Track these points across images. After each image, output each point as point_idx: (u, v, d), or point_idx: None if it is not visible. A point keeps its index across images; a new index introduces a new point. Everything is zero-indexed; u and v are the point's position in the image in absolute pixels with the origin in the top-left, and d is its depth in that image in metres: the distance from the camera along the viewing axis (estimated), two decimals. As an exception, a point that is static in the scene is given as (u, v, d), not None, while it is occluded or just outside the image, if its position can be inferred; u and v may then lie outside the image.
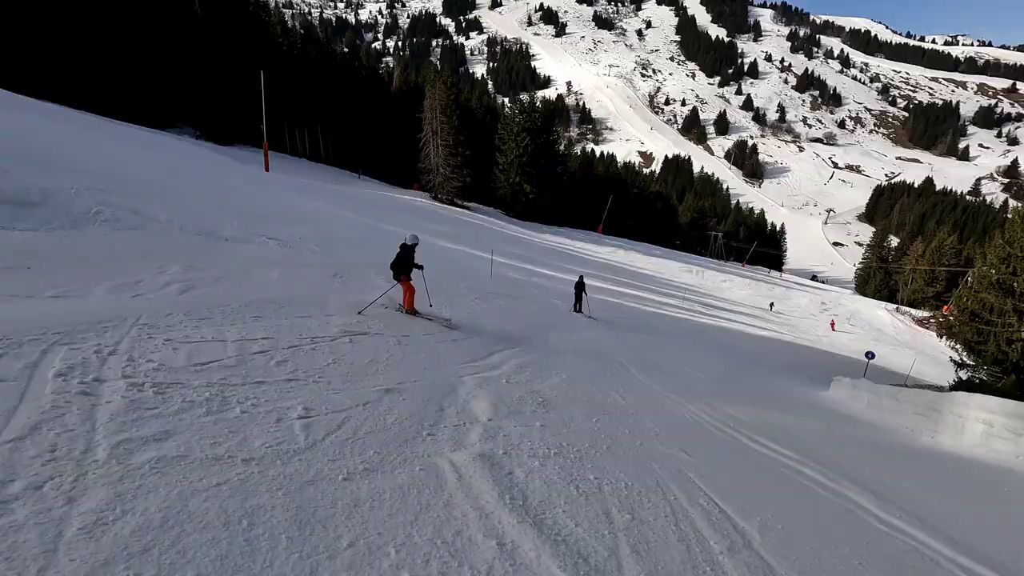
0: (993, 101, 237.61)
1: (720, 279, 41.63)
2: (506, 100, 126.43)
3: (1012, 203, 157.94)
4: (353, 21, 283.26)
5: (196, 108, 34.28)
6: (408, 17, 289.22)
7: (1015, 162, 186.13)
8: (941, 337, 20.21)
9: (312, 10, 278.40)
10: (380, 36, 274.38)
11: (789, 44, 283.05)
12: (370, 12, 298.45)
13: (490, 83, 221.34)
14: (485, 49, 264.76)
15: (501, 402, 5.74)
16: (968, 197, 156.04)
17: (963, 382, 18.24)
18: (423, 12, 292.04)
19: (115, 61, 29.78)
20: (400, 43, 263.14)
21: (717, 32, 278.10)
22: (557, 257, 28.80)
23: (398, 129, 43.96)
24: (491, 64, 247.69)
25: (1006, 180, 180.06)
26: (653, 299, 22.88)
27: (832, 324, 35.13)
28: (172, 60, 32.86)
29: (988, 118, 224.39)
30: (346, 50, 47.64)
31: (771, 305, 37.19)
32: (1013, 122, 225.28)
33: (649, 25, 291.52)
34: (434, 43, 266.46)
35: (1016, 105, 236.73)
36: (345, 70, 44.86)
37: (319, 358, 5.48)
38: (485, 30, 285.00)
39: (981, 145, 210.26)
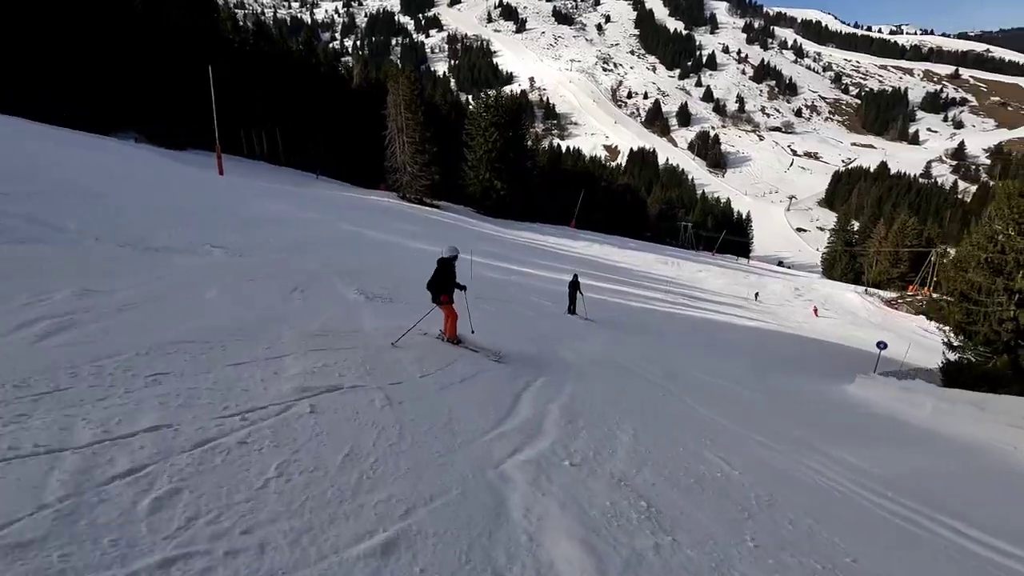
0: (938, 87, 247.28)
1: (696, 269, 41.32)
2: (469, 97, 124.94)
3: (961, 184, 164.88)
4: (309, 21, 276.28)
5: (143, 111, 31.89)
6: (366, 16, 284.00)
7: (962, 144, 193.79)
8: (931, 319, 19.77)
9: (265, 10, 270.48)
10: (337, 36, 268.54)
11: (745, 36, 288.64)
12: (326, 11, 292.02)
13: (452, 81, 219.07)
14: (446, 47, 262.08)
15: (592, 531, 3.38)
16: (921, 180, 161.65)
17: (952, 363, 17.92)
18: (381, 10, 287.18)
19: (47, 61, 27.31)
20: (359, 42, 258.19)
21: (675, 25, 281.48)
22: (533, 254, 27.74)
23: (361, 128, 42.17)
24: (452, 62, 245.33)
25: (954, 162, 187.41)
26: (637, 293, 22.08)
27: (815, 311, 35.14)
28: (112, 59, 30.39)
29: (934, 103, 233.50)
30: (301, 47, 45.33)
31: (756, 295, 36.92)
32: (957, 106, 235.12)
33: (608, 19, 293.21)
34: (393, 41, 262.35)
35: (959, 90, 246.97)
36: (302, 68, 42.75)
37: (250, 468, 3.06)
38: (445, 27, 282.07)
39: (929, 129, 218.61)
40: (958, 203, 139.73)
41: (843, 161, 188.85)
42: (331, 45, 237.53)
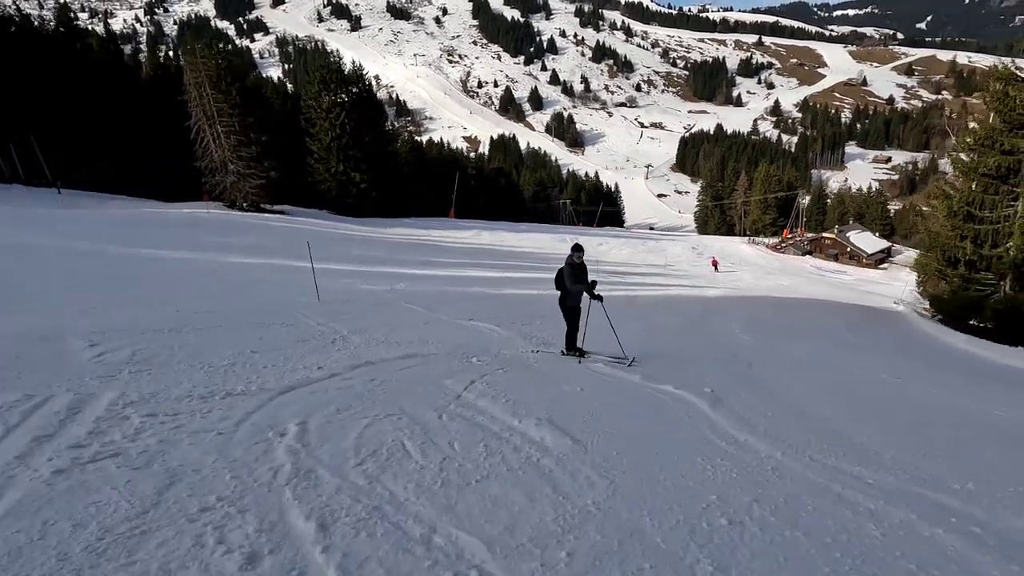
0: (748, 54, 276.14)
1: (596, 243, 37.41)
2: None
3: (784, 137, 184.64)
4: (103, 33, 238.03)
5: None
6: (175, 23, 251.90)
7: (776, 102, 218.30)
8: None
9: (47, 25, 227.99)
10: (143, 47, 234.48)
11: (578, 20, 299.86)
12: (125, 21, 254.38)
13: (290, 86, 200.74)
14: (276, 51, 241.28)
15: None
16: (752, 137, 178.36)
17: (955, 297, 14.95)
18: (192, 16, 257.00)
19: None
20: (171, 54, 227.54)
21: (511, 13, 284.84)
22: (416, 251, 21.49)
23: (163, 129, 32.24)
24: (287, 66, 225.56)
25: (774, 118, 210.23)
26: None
27: (715, 263, 33.71)
28: None
29: (748, 68, 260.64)
30: (51, 22, 33.45)
31: (715, 265, 34.16)
32: (766, 70, 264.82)
33: (445, 12, 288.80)
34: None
35: (765, 55, 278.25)
36: (63, 53, 31.67)
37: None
38: (272, 30, 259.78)
39: (748, 92, 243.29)
40: (787, 153, 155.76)
41: (685, 128, 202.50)
42: (139, 57, 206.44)
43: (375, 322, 7.54)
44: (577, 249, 7.01)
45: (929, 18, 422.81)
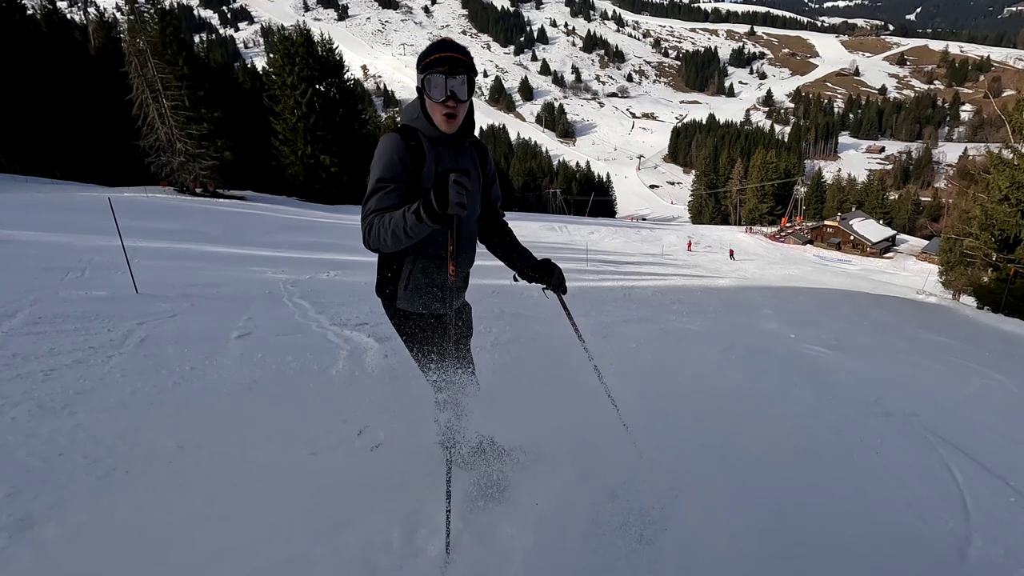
0: (740, 44, 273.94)
1: (587, 232, 35.13)
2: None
3: (777, 127, 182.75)
4: (83, 22, 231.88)
5: None
6: (156, 11, 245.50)
7: (769, 93, 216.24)
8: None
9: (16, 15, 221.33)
10: (125, 37, 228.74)
11: (568, 9, 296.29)
12: (105, 10, 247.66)
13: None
14: (261, 40, 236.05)
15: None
16: (745, 127, 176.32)
17: (1003, 285, 12.61)
18: (175, 5, 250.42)
19: None
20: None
21: (501, 3, 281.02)
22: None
23: (110, 107, 29.27)
24: (271, 55, 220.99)
25: (766, 108, 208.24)
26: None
27: (731, 253, 31.60)
28: None
29: (740, 58, 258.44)
30: None
31: (731, 254, 33.42)
32: (758, 60, 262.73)
33: (434, 1, 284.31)
34: (197, 39, 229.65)
35: (757, 45, 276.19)
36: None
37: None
38: (256, 19, 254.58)
39: (740, 82, 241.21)
40: (780, 143, 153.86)
41: (677, 118, 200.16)
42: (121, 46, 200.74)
43: (95, 341, 3.93)
44: (440, 62, 1.74)
45: (919, 9, 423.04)
